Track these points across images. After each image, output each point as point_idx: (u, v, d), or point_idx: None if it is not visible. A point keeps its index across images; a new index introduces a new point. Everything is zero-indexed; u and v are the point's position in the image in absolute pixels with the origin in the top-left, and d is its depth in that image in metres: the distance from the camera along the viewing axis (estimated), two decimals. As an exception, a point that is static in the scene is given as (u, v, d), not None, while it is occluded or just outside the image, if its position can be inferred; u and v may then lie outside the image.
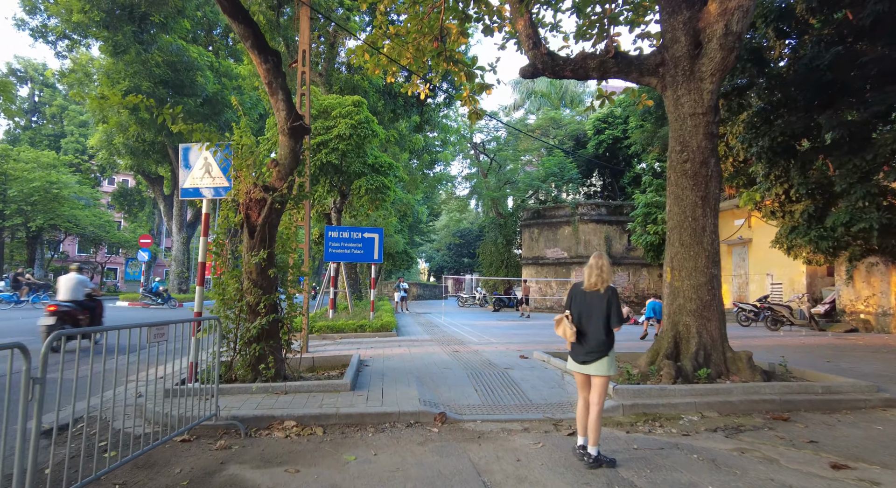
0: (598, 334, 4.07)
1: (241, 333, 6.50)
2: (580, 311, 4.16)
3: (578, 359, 4.19)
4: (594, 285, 4.12)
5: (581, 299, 4.18)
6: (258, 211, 5.95)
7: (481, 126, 35.40)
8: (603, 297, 4.07)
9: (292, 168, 6.13)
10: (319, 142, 15.47)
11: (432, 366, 7.90)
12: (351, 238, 14.39)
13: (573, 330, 4.14)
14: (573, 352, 4.23)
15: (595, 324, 4.08)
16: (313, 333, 12.29)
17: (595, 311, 4.08)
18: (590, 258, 4.28)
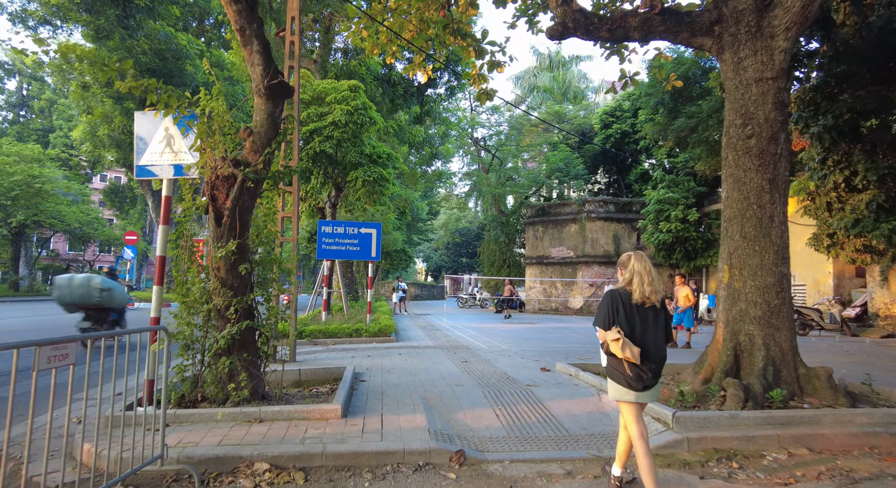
0: (660, 353, 3.41)
1: (210, 344, 5.30)
2: (632, 326, 3.36)
3: (641, 384, 3.35)
4: (649, 297, 3.36)
5: (632, 312, 3.38)
6: (226, 191, 4.73)
7: (483, 121, 34.21)
8: (660, 312, 3.43)
9: (270, 137, 4.91)
10: (312, 129, 14.25)
11: (440, 381, 6.68)
12: (346, 233, 13.18)
13: (638, 349, 3.28)
14: (633, 377, 3.33)
15: (657, 341, 3.39)
16: (303, 338, 11.07)
17: (652, 326, 3.38)
18: (630, 260, 3.50)
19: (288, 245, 8.74)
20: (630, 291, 3.40)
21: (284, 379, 7.09)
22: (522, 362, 8.53)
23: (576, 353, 9.85)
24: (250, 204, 4.95)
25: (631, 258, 3.50)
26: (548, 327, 16.76)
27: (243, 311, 5.18)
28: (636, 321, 3.36)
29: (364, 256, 13.30)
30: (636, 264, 3.44)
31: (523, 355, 9.46)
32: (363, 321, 12.92)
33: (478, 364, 8.27)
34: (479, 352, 9.91)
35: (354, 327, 11.55)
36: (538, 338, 12.95)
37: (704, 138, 19.64)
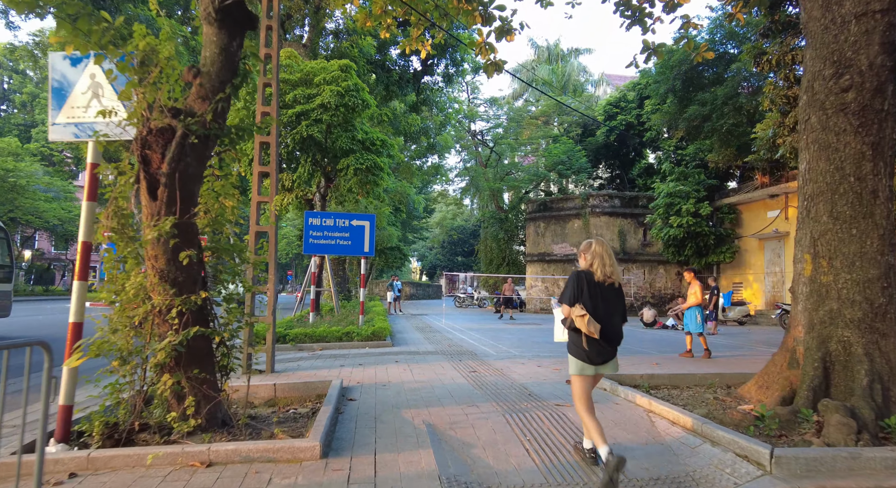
0: (619, 330, 3.69)
1: (150, 356, 4.04)
2: (595, 304, 3.55)
3: (602, 357, 3.61)
4: (610, 277, 3.62)
5: (595, 291, 3.57)
6: (161, 150, 3.44)
7: (481, 113, 32.94)
8: (619, 291, 3.69)
9: (223, 79, 3.64)
10: (299, 112, 12.94)
11: (447, 399, 5.41)
12: (336, 226, 11.91)
13: (599, 326, 3.49)
14: (593, 351, 3.57)
15: (616, 318, 3.64)
16: (287, 343, 9.78)
17: (613, 305, 3.63)
18: (591, 246, 3.69)
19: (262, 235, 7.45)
20: (593, 272, 3.59)
21: (258, 396, 5.83)
22: (540, 372, 7.28)
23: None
24: (197, 169, 3.66)
25: (592, 244, 3.70)
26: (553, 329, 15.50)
27: (191, 315, 3.91)
28: (598, 299, 3.55)
29: (356, 251, 12.04)
30: (597, 248, 3.64)
31: (538, 362, 8.21)
32: (355, 323, 11.65)
33: (489, 374, 7.01)
34: (487, 358, 8.65)
35: (345, 330, 10.26)
36: (548, 341, 11.71)
37: (719, 127, 18.49)
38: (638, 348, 10.46)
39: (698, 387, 6.34)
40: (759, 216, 20.15)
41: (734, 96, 18.61)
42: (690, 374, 6.62)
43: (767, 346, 11.07)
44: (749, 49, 10.17)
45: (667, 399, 5.64)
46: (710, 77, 20.26)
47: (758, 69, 9.99)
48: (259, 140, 7.32)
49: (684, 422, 4.41)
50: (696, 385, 6.46)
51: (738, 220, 21.24)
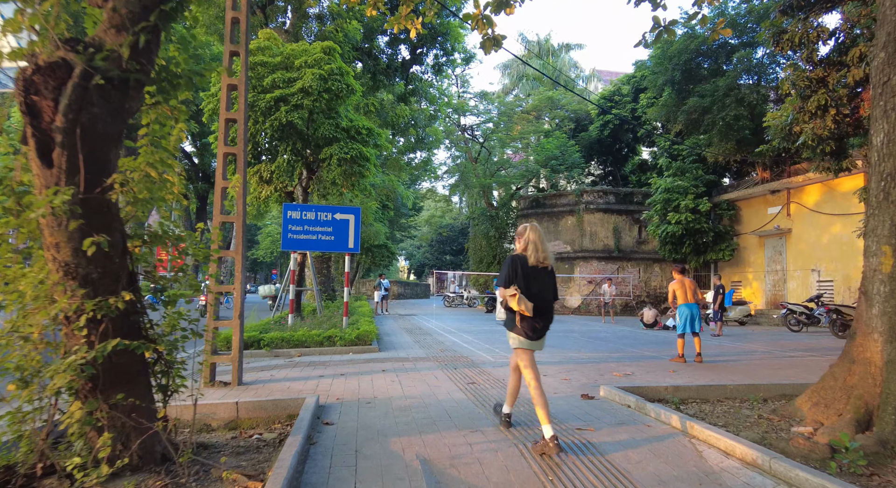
0: (551, 308, 4.01)
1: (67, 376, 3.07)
2: (528, 286, 3.86)
3: (535, 335, 3.96)
4: (543, 261, 3.93)
5: (528, 273, 3.88)
6: (53, 95, 2.47)
7: (471, 107, 32.02)
8: (551, 274, 4.00)
9: (147, 4, 2.67)
10: (278, 97, 11.92)
11: (445, 422, 4.49)
12: (318, 220, 10.95)
13: (532, 304, 3.78)
14: (528, 328, 3.90)
15: (548, 298, 3.96)
16: (261, 349, 8.79)
17: (545, 286, 3.95)
18: (526, 231, 4.03)
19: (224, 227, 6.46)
20: (527, 256, 3.91)
21: (217, 417, 4.87)
22: (547, 383, 6.38)
23: (605, 364, 7.77)
24: (111, 126, 2.69)
25: (527, 229, 4.02)
26: (552, 330, 14.60)
27: (111, 322, 2.94)
28: (531, 280, 3.87)
29: (340, 247, 11.07)
30: (531, 234, 3.98)
31: (544, 370, 7.31)
32: (339, 325, 10.68)
33: (490, 386, 6.10)
34: (485, 365, 7.74)
35: (326, 334, 9.29)
36: (548, 344, 10.75)
37: (720, 119, 17.76)
38: (641, 351, 9.63)
39: (730, 401, 5.50)
40: (760, 212, 19.51)
41: (735, 88, 17.92)
42: (720, 386, 5.77)
43: (782, 350, 10.31)
44: (768, 26, 9.38)
45: (700, 416, 4.79)
46: (708, 69, 19.57)
47: (776, 49, 9.22)
48: (225, 117, 6.35)
49: (742, 454, 3.54)
50: (727, 398, 5.63)
51: (737, 217, 20.59)
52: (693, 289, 8.44)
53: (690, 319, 8.26)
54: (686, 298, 8.31)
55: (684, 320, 8.27)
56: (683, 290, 8.34)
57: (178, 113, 3.02)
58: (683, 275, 8.65)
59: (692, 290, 8.39)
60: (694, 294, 8.39)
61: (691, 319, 8.25)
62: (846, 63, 8.55)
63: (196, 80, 2.95)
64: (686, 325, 8.24)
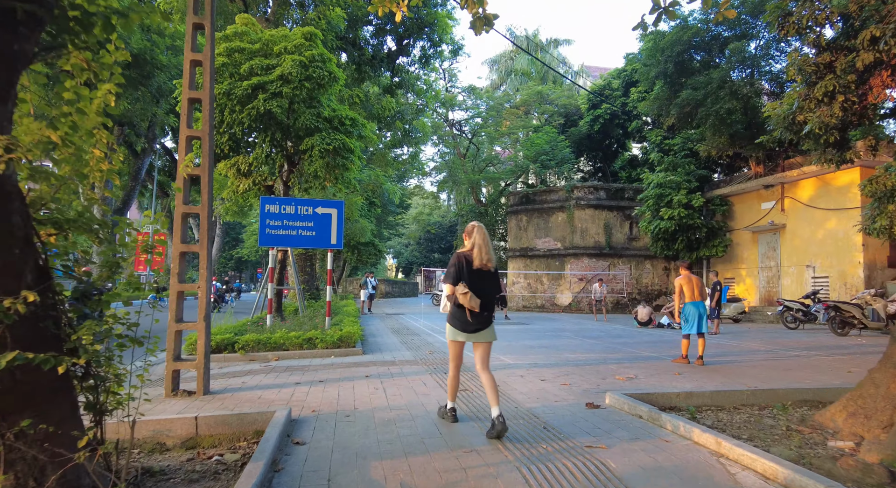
0: (491, 305, 4.27)
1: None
2: (473, 282, 4.11)
3: (472, 328, 4.16)
4: (486, 264, 4.16)
5: (472, 273, 4.13)
6: None
7: (460, 102, 31.43)
8: (494, 275, 4.26)
9: None
10: (256, 84, 11.24)
11: (435, 439, 3.93)
12: (298, 214, 10.31)
13: (479, 300, 4.08)
14: (464, 323, 4.15)
15: (489, 296, 4.20)
16: (235, 352, 8.15)
17: (488, 285, 4.20)
18: (474, 231, 4.23)
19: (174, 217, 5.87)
20: (472, 257, 4.15)
21: (173, 434, 4.25)
22: (546, 388, 5.84)
23: (604, 366, 7.25)
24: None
25: (474, 230, 4.23)
26: (544, 329, 14.18)
27: (9, 329, 2.33)
28: (476, 279, 4.13)
29: (321, 243, 10.45)
30: (478, 237, 4.18)
31: (538, 373, 6.78)
32: (321, 326, 10.06)
33: (484, 394, 5.54)
34: (477, 369, 7.18)
35: (306, 335, 8.66)
36: (542, 344, 10.33)
37: (714, 112, 17.37)
38: (639, 351, 9.14)
39: (748, 408, 5.00)
40: (753, 208, 19.19)
41: (729, 80, 17.55)
42: (735, 391, 5.27)
43: (784, 348, 9.89)
44: (772, 9, 8.93)
45: (719, 426, 4.29)
46: (701, 61, 19.19)
47: (781, 33, 8.78)
48: (188, 96, 5.70)
49: (785, 479, 3.01)
50: (744, 404, 5.13)
51: (729, 213, 20.27)
52: (700, 285, 7.94)
53: (698, 318, 7.75)
54: (693, 296, 7.81)
55: (693, 320, 7.76)
56: (691, 287, 7.83)
57: (97, 67, 2.40)
58: (690, 270, 8.16)
59: (699, 287, 7.89)
60: (701, 291, 7.90)
61: (699, 319, 7.75)
62: (856, 47, 8.11)
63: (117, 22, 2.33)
64: (694, 325, 7.74)
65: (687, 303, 7.83)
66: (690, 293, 7.82)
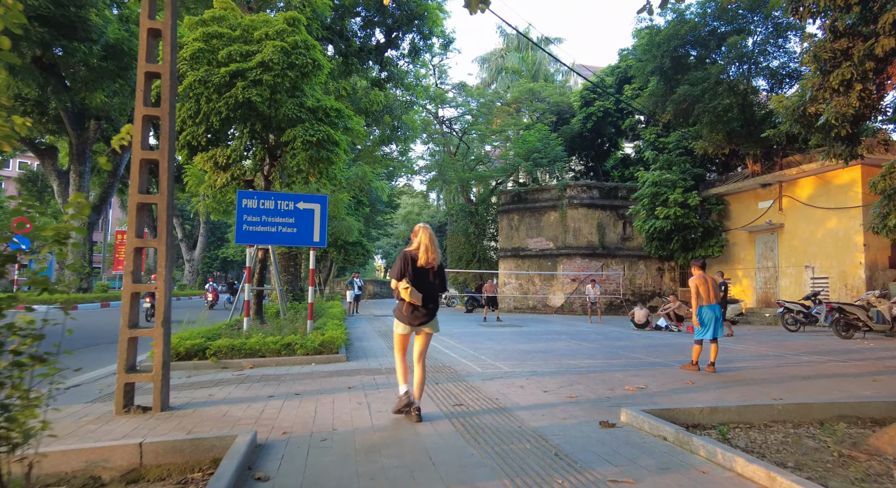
0: (435, 300, 4.55)
1: None
2: (415, 280, 4.39)
3: (416, 321, 4.46)
4: (430, 262, 4.45)
5: (416, 270, 4.42)
6: None
7: (450, 98, 30.80)
8: (438, 272, 4.54)
9: None
10: (234, 71, 10.52)
11: (428, 471, 3.27)
12: (278, 209, 9.61)
13: (420, 295, 4.36)
14: (410, 316, 4.44)
15: (433, 291, 4.49)
16: (206, 359, 7.44)
17: (432, 282, 4.49)
18: (420, 232, 4.54)
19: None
20: (417, 255, 4.44)
21: (110, 464, 3.55)
22: (553, 402, 5.21)
23: (609, 373, 6.65)
24: None
25: (420, 230, 4.55)
26: (539, 332, 13.58)
27: None
28: (420, 276, 4.44)
29: (303, 241, 9.75)
30: (423, 237, 4.48)
31: (540, 382, 6.16)
32: (302, 329, 9.35)
33: (481, 409, 4.90)
34: (472, 378, 6.54)
35: (285, 341, 7.96)
36: (539, 349, 9.72)
37: (711, 108, 16.92)
38: (643, 356, 8.56)
39: (780, 426, 4.43)
40: (750, 207, 18.79)
41: (727, 76, 17.12)
42: (764, 406, 4.68)
43: (794, 353, 9.38)
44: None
45: (754, 449, 3.72)
46: (697, 57, 18.75)
47: (795, 16, 8.28)
48: (145, 70, 4.99)
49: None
50: (775, 421, 4.56)
51: (725, 212, 19.85)
52: (716, 286, 7.37)
53: (714, 322, 7.17)
54: (710, 298, 7.22)
55: (709, 324, 7.17)
56: (707, 288, 7.24)
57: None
58: (703, 270, 7.58)
59: (715, 288, 7.32)
60: (716, 292, 7.32)
61: (715, 323, 7.17)
62: (876, 32, 7.61)
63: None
64: (709, 330, 7.15)
65: (703, 305, 7.24)
66: (706, 295, 7.24)
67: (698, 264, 7.76)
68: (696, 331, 7.46)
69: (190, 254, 43.49)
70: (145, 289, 4.94)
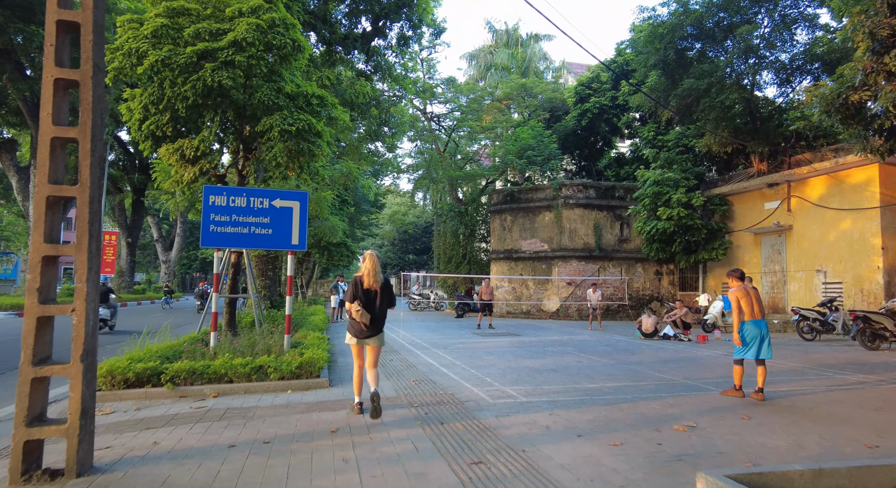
0: (382, 316, 5.26)
1: None
2: (365, 300, 5.13)
3: (363, 335, 5.15)
4: (373, 285, 5.16)
5: (364, 292, 5.14)
6: None
7: (439, 94, 29.61)
8: (383, 292, 5.22)
9: None
10: (201, 51, 9.23)
11: None
12: (251, 207, 8.39)
13: (370, 316, 5.07)
14: (357, 331, 5.15)
15: (379, 309, 5.19)
16: (160, 385, 6.20)
17: (375, 301, 5.17)
18: (366, 259, 5.25)
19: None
20: (363, 280, 5.16)
21: None
22: (598, 457, 4.08)
23: (643, 402, 5.53)
24: None
25: (366, 258, 5.25)
26: (540, 342, 12.48)
27: None
28: (367, 297, 5.14)
29: (280, 243, 8.53)
30: (368, 264, 5.19)
31: (571, 422, 5.02)
32: (279, 343, 8.10)
33: (512, 474, 3.73)
34: (484, 414, 5.37)
35: (256, 363, 6.71)
36: (548, 366, 8.60)
37: (718, 103, 16.01)
38: (667, 375, 7.47)
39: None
40: (755, 208, 17.94)
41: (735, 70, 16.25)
42: (878, 467, 3.60)
43: (833, 370, 8.39)
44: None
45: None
46: (700, 50, 17.86)
47: None
48: (56, 17, 3.73)
49: None
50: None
51: (729, 213, 18.99)
52: (759, 299, 6.33)
53: (760, 341, 6.12)
54: (754, 313, 6.18)
55: (753, 342, 6.13)
56: (750, 301, 6.20)
57: None
58: (743, 280, 6.53)
59: (759, 301, 6.28)
60: (762, 306, 6.28)
61: (761, 342, 6.12)
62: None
63: None
64: (753, 349, 6.11)
65: (746, 321, 6.19)
66: (750, 309, 6.19)
67: (736, 275, 6.71)
68: (735, 349, 6.42)
69: (166, 255, 41.63)
70: (57, 311, 3.69)
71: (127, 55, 9.24)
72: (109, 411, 5.40)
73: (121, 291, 32.00)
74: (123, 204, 33.58)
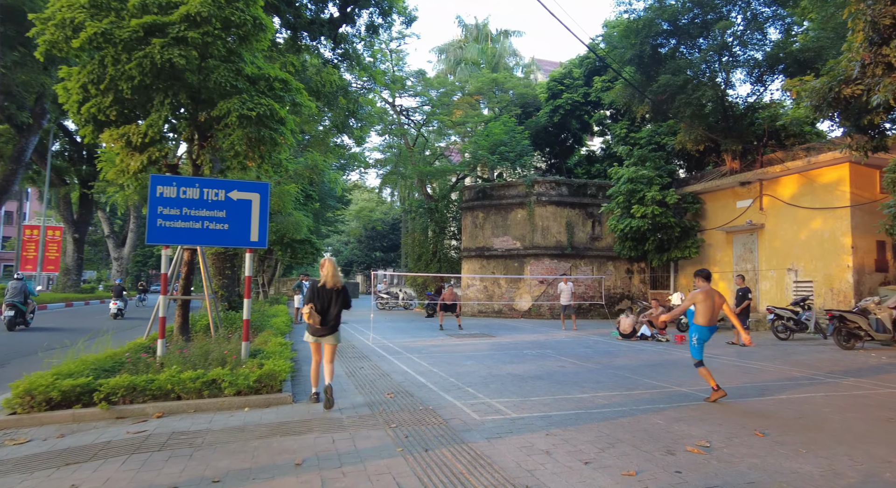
0: (337, 317, 5.74)
1: None
2: (323, 302, 5.66)
3: (319, 334, 5.69)
4: (335, 285, 5.72)
5: (322, 294, 5.67)
6: None
7: (408, 87, 28.79)
8: (340, 292, 5.75)
9: None
10: (148, 24, 8.26)
11: None
12: (205, 200, 7.52)
13: (319, 317, 5.61)
14: (313, 329, 5.66)
15: (334, 310, 5.69)
16: (92, 405, 5.32)
17: (335, 301, 5.70)
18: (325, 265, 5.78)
19: None
20: (325, 283, 5.69)
21: None
22: (606, 486, 3.49)
23: (643, 416, 5.01)
24: None
25: (325, 264, 5.80)
26: (517, 344, 11.95)
27: None
28: (324, 300, 5.66)
29: (237, 241, 7.68)
30: (329, 268, 5.74)
31: (573, 444, 4.44)
32: (236, 351, 7.25)
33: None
34: (473, 436, 4.74)
35: (209, 376, 5.87)
36: (533, 373, 8.04)
37: (695, 100, 15.83)
38: (658, 382, 7.01)
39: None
40: (727, 206, 17.92)
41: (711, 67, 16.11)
42: None
43: (822, 374, 8.12)
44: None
45: None
46: (674, 47, 17.69)
47: None
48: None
49: None
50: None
51: (701, 211, 18.95)
52: (719, 306, 6.15)
53: (701, 346, 6.07)
54: (710, 320, 6.05)
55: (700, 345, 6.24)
56: (711, 307, 6.11)
57: None
58: (710, 281, 6.25)
59: (716, 309, 6.11)
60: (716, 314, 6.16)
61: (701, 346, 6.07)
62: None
63: None
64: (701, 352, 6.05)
65: (702, 325, 6.03)
66: (707, 315, 6.05)
67: (703, 276, 6.39)
68: (692, 351, 6.24)
69: (118, 251, 39.41)
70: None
71: (60, 26, 8.17)
72: (24, 440, 4.51)
73: (66, 290, 29.97)
74: (69, 197, 31.43)
